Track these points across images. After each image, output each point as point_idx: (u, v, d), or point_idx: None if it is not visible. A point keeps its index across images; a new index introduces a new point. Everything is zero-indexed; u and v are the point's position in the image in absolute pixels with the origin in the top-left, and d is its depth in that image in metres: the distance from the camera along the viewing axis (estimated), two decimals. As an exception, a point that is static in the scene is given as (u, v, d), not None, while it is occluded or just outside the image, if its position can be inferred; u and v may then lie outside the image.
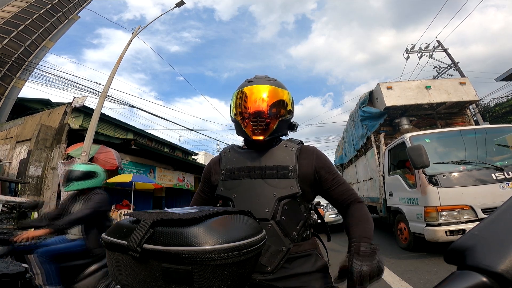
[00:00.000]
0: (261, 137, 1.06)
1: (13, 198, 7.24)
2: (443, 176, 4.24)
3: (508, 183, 4.02)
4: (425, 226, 4.26)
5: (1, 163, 10.68)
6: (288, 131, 1.19)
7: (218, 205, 1.20)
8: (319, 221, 1.21)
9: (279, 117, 1.08)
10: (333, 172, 1.11)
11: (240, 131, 1.14)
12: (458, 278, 0.30)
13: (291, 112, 1.13)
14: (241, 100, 1.10)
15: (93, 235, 2.44)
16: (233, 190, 1.08)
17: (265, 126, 1.06)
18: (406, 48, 15.68)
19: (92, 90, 11.15)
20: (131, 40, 10.54)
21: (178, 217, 0.58)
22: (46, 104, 16.75)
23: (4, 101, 17.17)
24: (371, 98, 7.07)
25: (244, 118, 1.08)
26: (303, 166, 1.07)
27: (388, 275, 3.68)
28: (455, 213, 4.09)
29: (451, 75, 14.95)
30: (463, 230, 3.93)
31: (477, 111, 11.38)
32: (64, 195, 8.62)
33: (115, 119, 15.76)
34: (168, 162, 14.27)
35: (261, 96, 1.07)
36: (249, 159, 1.11)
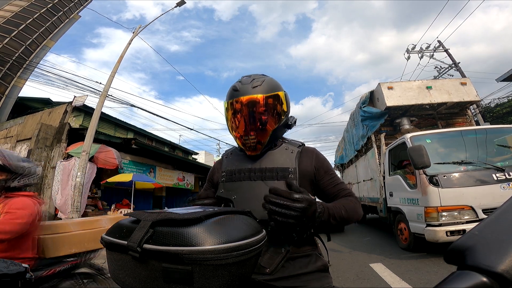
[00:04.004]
0: (256, 153, 1.09)
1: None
2: (444, 176, 4.24)
3: (508, 184, 4.01)
4: (426, 227, 4.26)
5: (1, 162, 10.67)
6: (286, 129, 1.18)
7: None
8: None
9: (272, 126, 1.07)
10: (331, 173, 1.11)
11: (237, 144, 1.15)
12: (458, 278, 0.30)
13: (285, 112, 1.11)
14: (229, 114, 1.10)
15: None
16: (233, 192, 1.09)
17: (258, 140, 1.06)
18: (407, 48, 15.70)
19: (93, 89, 11.16)
20: (132, 39, 10.55)
21: (178, 217, 0.58)
22: (46, 103, 16.77)
23: (4, 100, 17.18)
24: (371, 98, 7.06)
25: (237, 133, 1.09)
26: (303, 165, 1.08)
27: (388, 275, 3.68)
28: (456, 213, 4.09)
29: (452, 75, 14.95)
30: (464, 231, 3.93)
31: (478, 111, 11.37)
32: (61, 193, 8.63)
33: (115, 118, 15.74)
34: (168, 162, 14.28)
35: (249, 110, 1.04)
36: (249, 161, 1.12)
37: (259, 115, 1.05)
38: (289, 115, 1.16)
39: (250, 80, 1.07)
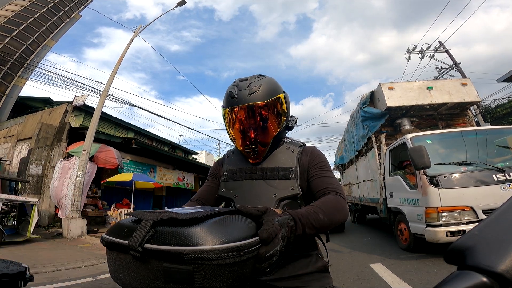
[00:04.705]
0: (258, 160, 1.08)
1: (13, 197, 7.26)
2: (444, 177, 4.24)
3: (509, 184, 4.01)
4: (426, 227, 4.26)
5: (1, 161, 10.70)
6: (287, 131, 1.16)
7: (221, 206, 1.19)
8: None
9: (273, 133, 1.05)
10: (321, 166, 1.05)
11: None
12: (458, 278, 0.30)
13: (286, 113, 1.08)
14: (227, 122, 1.08)
15: None
16: (234, 191, 1.08)
17: (259, 148, 1.05)
18: (408, 49, 15.68)
19: (93, 89, 11.17)
20: (133, 39, 10.56)
21: (179, 217, 0.58)
22: (47, 102, 16.79)
23: (5, 99, 17.21)
24: (372, 98, 7.06)
25: (237, 141, 1.08)
26: (301, 164, 1.07)
27: (388, 276, 3.68)
28: (456, 214, 4.09)
29: (453, 76, 14.95)
30: (464, 231, 3.92)
31: (478, 112, 11.36)
32: (54, 192, 8.64)
33: (115, 118, 15.77)
34: (169, 161, 14.29)
35: (247, 119, 1.02)
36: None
37: (258, 123, 1.02)
38: (290, 116, 1.14)
39: (247, 85, 1.02)
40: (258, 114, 1.01)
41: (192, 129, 20.62)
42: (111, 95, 10.71)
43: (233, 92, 1.02)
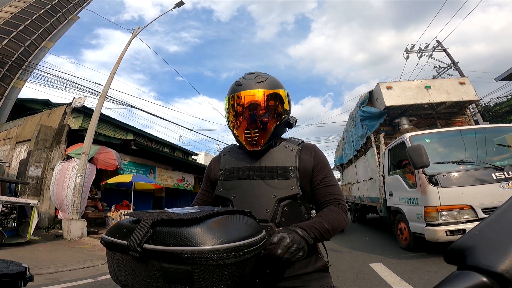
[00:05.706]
0: (258, 148, 1.06)
1: (13, 199, 7.24)
2: (443, 176, 4.24)
3: (508, 183, 4.02)
4: (425, 226, 4.26)
5: (1, 163, 10.67)
6: (287, 128, 1.17)
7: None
8: None
9: (275, 122, 1.06)
10: (326, 172, 1.08)
11: (237, 141, 1.14)
12: (458, 278, 0.30)
13: (287, 111, 1.10)
14: (232, 108, 1.09)
15: None
16: (232, 191, 1.07)
17: (261, 135, 1.05)
18: (406, 48, 15.69)
19: (92, 91, 11.16)
20: (131, 40, 10.54)
21: (178, 217, 0.58)
22: (45, 104, 16.75)
23: (4, 101, 17.15)
24: (371, 98, 7.06)
25: (238, 127, 1.08)
26: (303, 163, 1.06)
27: (388, 275, 3.68)
28: (455, 213, 4.09)
29: (451, 75, 14.96)
30: (463, 230, 3.93)
31: (477, 110, 11.38)
32: (55, 194, 8.62)
33: (114, 119, 15.74)
34: (168, 162, 14.27)
35: (252, 105, 1.04)
36: (249, 159, 1.10)
37: (262, 110, 1.04)
38: (290, 115, 1.15)
39: (254, 76, 1.07)
40: (262, 102, 1.04)
41: (191, 130, 20.59)
42: (110, 96, 10.72)
43: (240, 81, 1.08)
